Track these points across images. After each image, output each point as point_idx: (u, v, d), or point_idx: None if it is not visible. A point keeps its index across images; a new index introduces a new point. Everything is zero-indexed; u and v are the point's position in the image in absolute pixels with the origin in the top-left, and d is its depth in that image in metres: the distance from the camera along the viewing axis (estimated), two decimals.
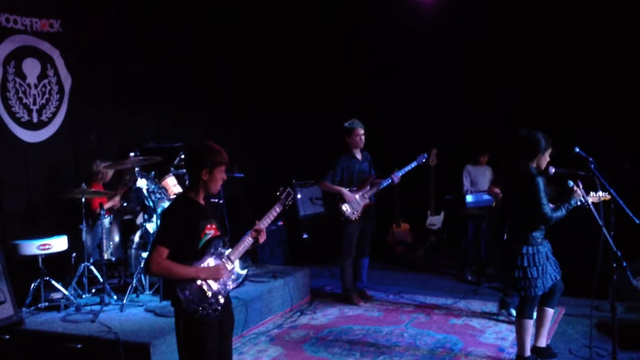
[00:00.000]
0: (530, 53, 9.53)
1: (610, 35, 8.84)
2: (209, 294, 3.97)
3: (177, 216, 3.98)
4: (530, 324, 5.53)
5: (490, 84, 9.88)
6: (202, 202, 4.08)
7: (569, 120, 8.86)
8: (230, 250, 4.19)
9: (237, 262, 4.23)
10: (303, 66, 11.10)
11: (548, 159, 5.39)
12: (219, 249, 4.10)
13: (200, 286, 3.95)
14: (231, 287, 4.16)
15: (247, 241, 4.24)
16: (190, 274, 3.91)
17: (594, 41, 8.95)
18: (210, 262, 4.02)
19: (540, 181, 5.25)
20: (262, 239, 4.24)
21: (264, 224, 4.28)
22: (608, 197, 5.58)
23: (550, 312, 5.73)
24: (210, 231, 4.04)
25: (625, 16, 8.73)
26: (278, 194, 4.49)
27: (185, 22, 9.38)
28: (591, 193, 5.38)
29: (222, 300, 4.04)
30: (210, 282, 4.00)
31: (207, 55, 9.80)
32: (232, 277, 4.16)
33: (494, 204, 7.58)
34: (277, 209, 4.40)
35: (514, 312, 7.01)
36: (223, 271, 4.03)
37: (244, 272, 4.28)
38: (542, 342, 5.81)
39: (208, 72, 9.83)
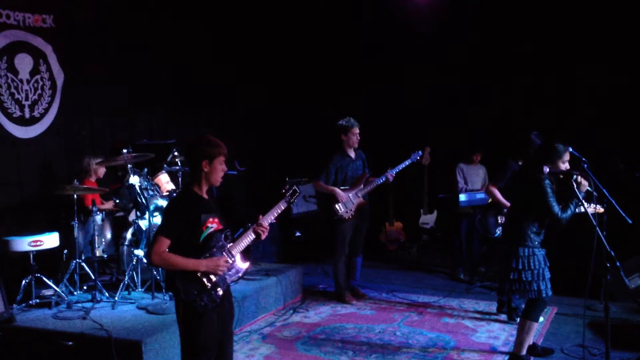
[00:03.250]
0: (527, 53, 9.54)
1: (609, 35, 8.86)
2: (208, 285, 4.04)
3: (179, 209, 4.09)
4: (534, 327, 5.53)
5: (485, 84, 9.90)
6: (205, 195, 4.17)
7: (562, 120, 8.87)
8: (231, 244, 4.22)
9: (237, 256, 4.25)
10: (298, 65, 11.09)
11: (564, 169, 5.34)
12: (221, 242, 4.15)
13: (200, 278, 4.02)
14: (231, 279, 4.21)
15: (249, 236, 4.28)
16: (190, 266, 3.99)
17: (591, 42, 8.97)
18: (211, 254, 4.08)
19: (548, 184, 5.23)
20: (264, 235, 4.28)
21: (267, 220, 4.32)
22: (601, 210, 5.61)
23: None
24: (213, 225, 4.10)
25: (621, 17, 8.76)
26: (283, 191, 4.49)
27: (182, 19, 9.34)
28: (586, 204, 5.38)
29: (220, 292, 4.11)
30: (210, 275, 4.06)
31: (202, 53, 9.76)
32: (232, 270, 4.21)
33: (490, 200, 7.57)
34: (282, 206, 4.42)
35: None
36: (222, 266, 4.08)
37: (245, 265, 4.29)
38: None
39: (202, 69, 9.79)
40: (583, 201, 5.24)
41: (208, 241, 4.08)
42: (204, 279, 4.03)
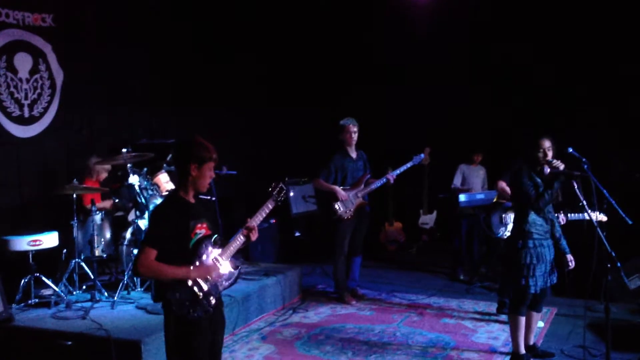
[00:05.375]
0: (527, 54, 9.53)
1: (609, 36, 8.85)
2: (200, 295, 3.87)
3: (166, 216, 3.87)
4: (520, 321, 5.58)
5: (486, 84, 9.89)
6: (192, 200, 3.98)
7: (563, 120, 8.87)
8: (221, 250, 4.06)
9: (228, 261, 4.09)
10: (298, 66, 11.08)
11: (547, 154, 5.40)
12: (210, 248, 3.99)
13: (192, 287, 3.85)
14: (223, 286, 4.08)
15: (239, 240, 4.11)
16: (180, 274, 3.81)
17: (591, 42, 8.96)
18: (201, 261, 3.91)
19: (524, 172, 5.39)
20: (254, 237, 4.11)
21: (255, 221, 4.15)
22: (605, 218, 5.65)
23: (535, 315, 5.81)
24: (201, 231, 3.94)
25: (624, 17, 8.75)
26: (270, 189, 4.32)
27: (181, 20, 9.33)
28: (589, 212, 5.43)
29: (213, 301, 3.95)
30: (202, 283, 3.89)
31: (202, 53, 9.74)
32: (224, 276, 4.05)
33: (495, 199, 7.55)
34: (269, 205, 4.26)
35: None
36: (213, 270, 3.91)
37: (236, 271, 4.16)
38: (529, 340, 5.87)
39: (202, 70, 9.78)
40: (586, 206, 5.25)
41: (197, 247, 3.90)
42: (196, 288, 3.86)
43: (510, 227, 6.83)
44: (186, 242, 3.87)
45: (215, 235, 4.07)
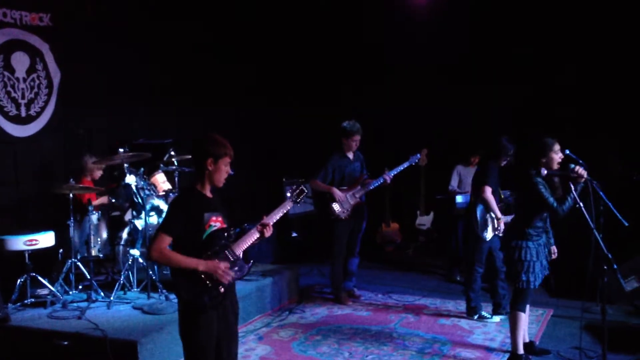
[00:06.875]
0: (526, 53, 9.54)
1: (609, 36, 8.87)
2: (209, 283, 3.99)
3: (182, 206, 4.04)
4: (522, 317, 5.60)
5: (485, 85, 9.89)
6: (208, 194, 4.13)
7: (561, 121, 8.87)
8: (234, 243, 4.18)
9: (240, 254, 4.20)
10: (297, 65, 11.08)
11: (558, 160, 5.40)
12: (224, 241, 4.11)
13: (201, 275, 3.96)
14: (234, 277, 4.13)
15: (253, 235, 4.25)
16: (190, 264, 3.93)
17: (591, 42, 8.98)
18: (214, 252, 4.03)
19: (539, 180, 5.31)
20: (268, 233, 4.27)
21: (272, 219, 4.32)
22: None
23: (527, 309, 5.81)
24: (216, 223, 4.07)
25: (623, 17, 8.77)
26: (291, 191, 4.49)
27: (181, 19, 9.33)
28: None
29: (222, 290, 4.04)
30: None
31: (200, 54, 9.74)
32: (236, 267, 4.14)
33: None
34: (288, 205, 4.43)
35: (484, 314, 7.06)
36: (221, 269, 3.97)
37: (247, 265, 4.24)
38: (525, 338, 5.88)
39: (201, 70, 9.78)
40: (583, 209, 5.25)
41: (211, 239, 4.03)
42: (205, 277, 3.97)
43: (490, 227, 6.80)
44: (199, 233, 4.01)
45: (230, 229, 4.18)
